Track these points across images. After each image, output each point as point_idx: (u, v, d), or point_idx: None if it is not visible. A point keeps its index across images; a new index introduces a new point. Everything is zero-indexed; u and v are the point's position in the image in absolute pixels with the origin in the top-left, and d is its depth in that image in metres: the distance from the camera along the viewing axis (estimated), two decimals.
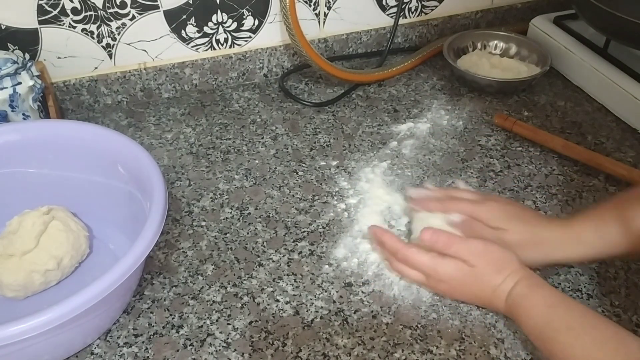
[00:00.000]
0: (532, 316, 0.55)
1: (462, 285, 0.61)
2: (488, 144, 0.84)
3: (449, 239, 0.60)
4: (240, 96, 0.94)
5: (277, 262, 0.67)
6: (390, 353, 0.58)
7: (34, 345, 0.50)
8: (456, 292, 0.62)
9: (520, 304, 0.56)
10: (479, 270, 0.59)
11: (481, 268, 0.59)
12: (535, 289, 0.57)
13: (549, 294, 0.56)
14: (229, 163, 0.80)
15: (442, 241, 0.60)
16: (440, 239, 0.60)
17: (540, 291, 0.56)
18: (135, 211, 0.63)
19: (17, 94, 0.74)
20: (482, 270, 0.59)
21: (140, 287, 0.64)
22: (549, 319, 0.54)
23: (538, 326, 0.54)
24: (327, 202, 0.75)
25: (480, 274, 0.59)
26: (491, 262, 0.59)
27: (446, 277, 0.61)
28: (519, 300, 0.56)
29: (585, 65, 0.93)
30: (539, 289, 0.57)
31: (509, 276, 0.58)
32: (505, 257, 0.59)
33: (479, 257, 0.59)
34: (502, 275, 0.58)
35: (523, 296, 0.56)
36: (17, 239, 0.62)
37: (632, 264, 0.67)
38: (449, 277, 0.60)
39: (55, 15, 0.80)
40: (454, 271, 0.60)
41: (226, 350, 0.58)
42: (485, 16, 1.08)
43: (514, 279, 0.58)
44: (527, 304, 0.56)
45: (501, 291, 0.58)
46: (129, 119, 0.88)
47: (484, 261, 0.59)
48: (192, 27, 0.88)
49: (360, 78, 0.94)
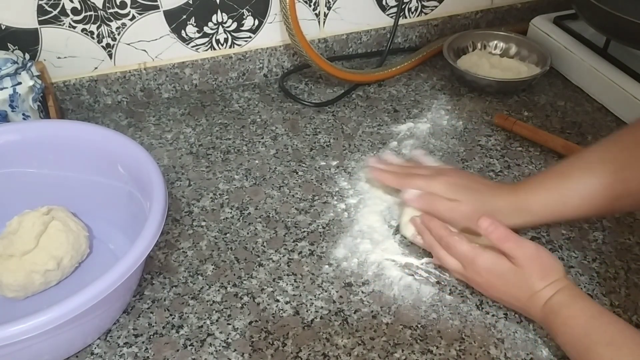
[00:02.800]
0: (571, 326, 0.54)
1: (499, 281, 0.60)
2: (488, 144, 0.84)
3: (506, 234, 0.59)
4: (240, 96, 0.94)
5: (277, 262, 0.67)
6: (390, 353, 0.58)
7: (34, 345, 0.50)
8: (492, 287, 0.61)
9: (559, 312, 0.55)
10: (524, 272, 0.58)
11: (527, 270, 0.58)
12: (576, 300, 0.56)
13: (590, 305, 0.55)
14: (229, 163, 0.80)
15: (499, 234, 0.59)
16: (497, 231, 0.59)
17: (581, 302, 0.55)
18: (135, 211, 0.63)
19: (17, 94, 0.74)
20: (528, 272, 0.58)
21: (140, 287, 0.64)
22: (588, 330, 0.53)
23: (576, 337, 0.53)
24: (327, 202, 0.75)
25: (524, 275, 0.58)
26: (539, 266, 0.58)
27: (483, 270, 0.60)
28: (558, 309, 0.55)
29: (585, 65, 0.93)
30: (580, 300, 0.56)
31: (552, 284, 0.57)
32: (553, 265, 0.58)
33: (529, 259, 0.58)
34: (545, 281, 0.57)
35: (563, 305, 0.55)
36: (17, 239, 0.62)
37: (632, 264, 0.67)
38: (486, 271, 0.60)
39: (55, 15, 0.80)
40: (492, 265, 0.59)
41: (226, 350, 0.58)
42: (485, 16, 1.08)
43: (555, 288, 0.57)
44: (566, 313, 0.55)
45: (540, 297, 0.57)
46: (129, 119, 0.88)
47: (532, 264, 0.58)
48: (192, 27, 0.88)
49: (360, 78, 0.94)
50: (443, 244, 0.64)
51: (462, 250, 0.61)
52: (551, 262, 0.59)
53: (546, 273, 0.58)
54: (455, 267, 0.63)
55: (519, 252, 0.58)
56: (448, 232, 0.63)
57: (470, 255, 0.61)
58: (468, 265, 0.61)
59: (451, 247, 0.62)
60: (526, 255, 0.58)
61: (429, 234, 0.65)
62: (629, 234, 0.71)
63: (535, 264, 0.58)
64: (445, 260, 0.63)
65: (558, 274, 0.58)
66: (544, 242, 0.70)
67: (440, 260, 0.64)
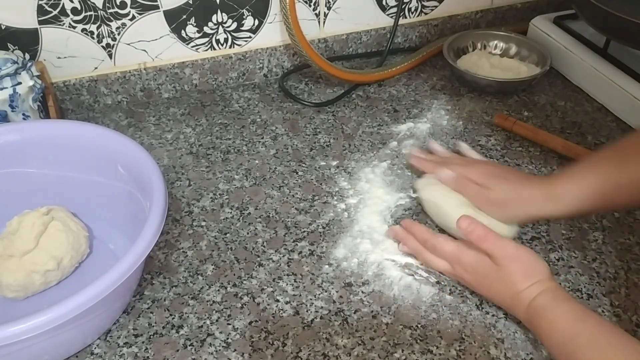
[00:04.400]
0: (556, 330, 0.54)
1: (485, 280, 0.60)
2: (488, 144, 0.84)
3: (485, 233, 0.60)
4: (240, 96, 0.94)
5: (277, 262, 0.67)
6: (390, 353, 0.58)
7: (34, 345, 0.50)
8: (480, 285, 0.61)
9: (543, 315, 0.55)
10: (505, 272, 0.58)
11: (508, 270, 0.58)
12: (560, 302, 0.55)
13: (574, 308, 0.55)
14: (229, 163, 0.80)
15: (478, 234, 0.60)
16: (476, 231, 0.60)
17: (566, 305, 0.55)
18: (135, 211, 0.63)
19: (17, 94, 0.74)
20: (508, 272, 0.58)
21: (140, 287, 0.64)
22: (574, 333, 0.52)
23: (561, 340, 0.53)
24: (327, 202, 0.75)
25: (505, 275, 0.58)
26: (520, 266, 0.58)
27: (469, 268, 0.61)
28: (542, 312, 0.55)
29: (585, 65, 0.93)
30: (564, 303, 0.55)
31: (535, 285, 0.57)
32: (536, 266, 0.58)
33: (508, 259, 0.58)
34: (527, 282, 0.57)
35: (546, 308, 0.55)
36: (16, 240, 0.62)
37: (632, 264, 0.67)
38: (472, 269, 0.60)
39: (55, 15, 0.80)
40: (476, 263, 0.60)
41: (226, 350, 0.58)
42: (485, 16, 1.08)
43: (538, 289, 0.56)
44: (550, 317, 0.54)
45: (523, 298, 0.57)
46: (129, 119, 0.88)
47: (512, 264, 0.58)
48: (192, 27, 0.88)
49: (360, 78, 0.94)
50: (429, 247, 0.64)
51: (448, 249, 0.62)
52: (533, 262, 0.59)
53: (528, 273, 0.58)
54: (444, 267, 0.63)
55: (497, 252, 0.59)
56: (432, 234, 0.64)
57: (456, 253, 0.62)
58: (455, 264, 0.62)
59: (437, 248, 0.63)
60: (505, 254, 0.58)
61: (413, 239, 0.66)
62: (629, 234, 0.71)
63: (515, 264, 0.58)
64: (433, 262, 0.64)
65: (541, 274, 0.58)
66: (544, 242, 0.70)
67: (428, 263, 0.65)
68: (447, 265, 0.63)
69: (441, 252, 0.63)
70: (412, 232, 0.67)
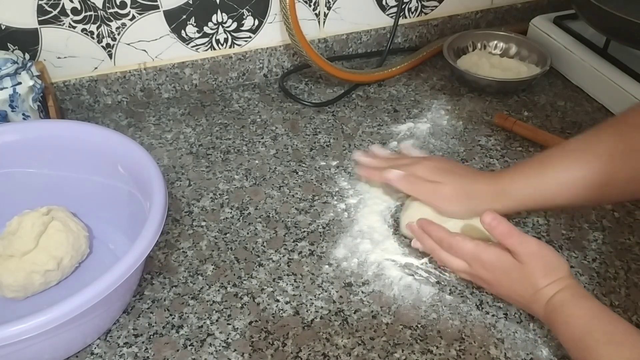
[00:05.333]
0: (573, 325, 0.54)
1: (504, 277, 0.59)
2: (488, 144, 0.84)
3: (509, 229, 0.59)
4: (240, 96, 0.94)
5: (277, 262, 0.67)
6: (390, 353, 0.58)
7: (34, 345, 0.50)
8: (498, 284, 0.60)
9: (561, 310, 0.55)
10: (526, 269, 0.58)
11: (530, 267, 0.57)
12: (578, 299, 0.55)
13: (592, 305, 0.55)
14: (229, 163, 0.80)
15: (502, 229, 0.59)
16: (499, 227, 0.59)
17: (584, 301, 0.55)
18: (135, 211, 0.63)
19: (17, 94, 0.74)
20: (530, 269, 0.57)
21: (140, 287, 0.64)
22: (589, 329, 0.52)
23: (577, 336, 0.53)
24: (327, 202, 0.75)
25: (527, 272, 0.58)
26: (542, 264, 0.58)
27: (489, 266, 0.60)
28: (560, 307, 0.55)
29: (585, 65, 0.93)
30: (582, 299, 0.55)
31: (555, 282, 0.57)
32: (557, 263, 0.58)
33: (532, 256, 0.58)
34: (548, 279, 0.57)
35: (565, 303, 0.55)
36: (16, 240, 0.62)
37: (632, 264, 0.67)
38: (492, 267, 0.59)
39: (55, 15, 0.80)
40: (497, 260, 0.59)
41: (226, 350, 0.58)
42: (485, 16, 1.08)
43: (559, 286, 0.56)
44: (568, 312, 0.55)
45: (543, 295, 0.57)
46: (129, 119, 0.88)
47: (535, 261, 0.58)
48: (192, 27, 0.88)
49: (360, 78, 0.94)
50: (445, 246, 0.63)
51: (467, 248, 0.61)
52: (555, 260, 0.58)
53: (549, 271, 0.57)
54: (461, 267, 0.62)
55: (521, 249, 0.58)
56: (448, 233, 0.63)
57: (475, 252, 0.60)
58: (474, 262, 0.61)
59: (454, 247, 0.62)
60: (529, 251, 0.58)
61: (429, 238, 0.65)
62: (629, 234, 0.71)
63: (538, 261, 0.58)
64: (449, 261, 0.63)
65: (562, 272, 0.57)
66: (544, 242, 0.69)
67: (444, 262, 0.64)
68: (464, 264, 0.62)
69: (458, 251, 0.62)
70: (427, 232, 0.65)
